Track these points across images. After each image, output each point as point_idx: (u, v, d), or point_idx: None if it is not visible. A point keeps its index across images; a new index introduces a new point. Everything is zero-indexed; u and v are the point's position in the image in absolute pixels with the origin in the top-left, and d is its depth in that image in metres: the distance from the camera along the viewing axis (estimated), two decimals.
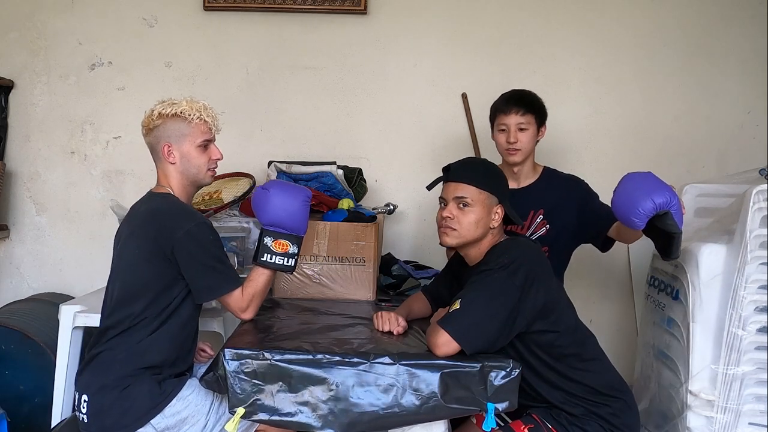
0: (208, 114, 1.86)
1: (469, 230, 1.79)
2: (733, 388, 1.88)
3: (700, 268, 1.94)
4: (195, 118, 1.83)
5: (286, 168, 2.64)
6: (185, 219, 1.76)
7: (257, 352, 1.61)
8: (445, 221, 1.82)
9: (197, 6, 2.97)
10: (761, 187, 1.85)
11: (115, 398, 1.70)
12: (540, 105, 2.30)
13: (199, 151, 1.85)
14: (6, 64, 3.01)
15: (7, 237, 3.04)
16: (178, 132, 1.83)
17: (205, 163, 1.87)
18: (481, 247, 1.83)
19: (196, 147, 1.84)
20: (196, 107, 1.84)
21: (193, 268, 1.74)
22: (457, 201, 1.81)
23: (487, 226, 1.81)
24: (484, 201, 1.80)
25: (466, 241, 1.81)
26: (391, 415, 1.59)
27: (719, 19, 2.95)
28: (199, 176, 1.88)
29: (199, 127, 1.84)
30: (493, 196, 1.81)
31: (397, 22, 2.98)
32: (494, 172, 1.90)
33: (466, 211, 1.79)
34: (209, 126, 1.86)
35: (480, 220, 1.79)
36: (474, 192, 1.80)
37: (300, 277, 2.26)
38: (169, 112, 1.82)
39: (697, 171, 2.93)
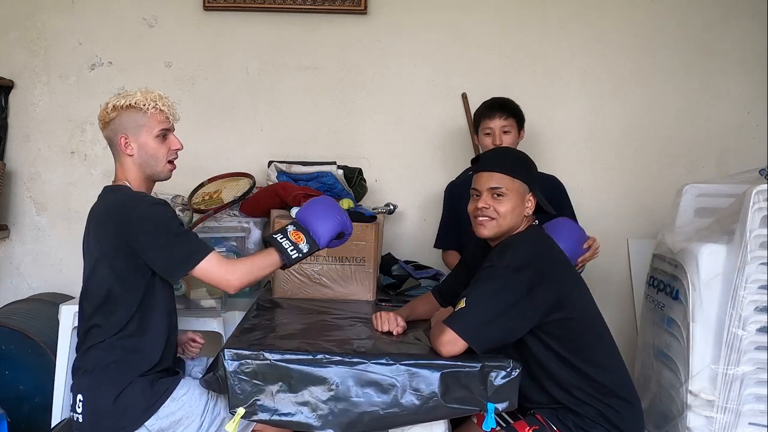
0: (164, 103, 1.80)
1: (505, 219, 1.77)
2: (733, 388, 1.88)
3: (700, 268, 1.94)
4: (150, 108, 1.77)
5: (286, 168, 2.64)
6: (136, 204, 1.72)
7: (257, 352, 1.61)
8: (481, 212, 1.79)
9: (197, 6, 2.97)
10: (761, 187, 1.85)
11: (110, 400, 1.68)
12: (519, 110, 2.50)
13: (157, 142, 1.79)
14: (6, 64, 3.01)
15: (7, 237, 3.04)
16: (134, 123, 1.78)
17: (165, 154, 1.81)
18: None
19: (153, 137, 1.79)
20: (151, 97, 1.79)
21: (156, 248, 1.68)
22: (492, 191, 1.79)
23: (521, 215, 1.80)
24: (518, 189, 1.79)
25: (502, 231, 1.79)
26: (391, 415, 1.58)
27: (719, 19, 2.95)
28: (157, 168, 1.81)
29: (155, 116, 1.78)
30: (525, 184, 1.80)
31: (397, 22, 2.98)
32: (524, 160, 1.89)
33: (502, 201, 1.77)
34: (166, 115, 1.81)
35: (515, 208, 1.78)
36: (508, 181, 1.78)
37: (300, 277, 2.26)
38: (123, 104, 1.77)
39: (697, 171, 2.93)
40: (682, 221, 2.25)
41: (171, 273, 1.71)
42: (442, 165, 3.00)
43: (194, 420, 1.73)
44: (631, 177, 2.99)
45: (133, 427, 1.69)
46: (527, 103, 2.93)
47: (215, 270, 1.69)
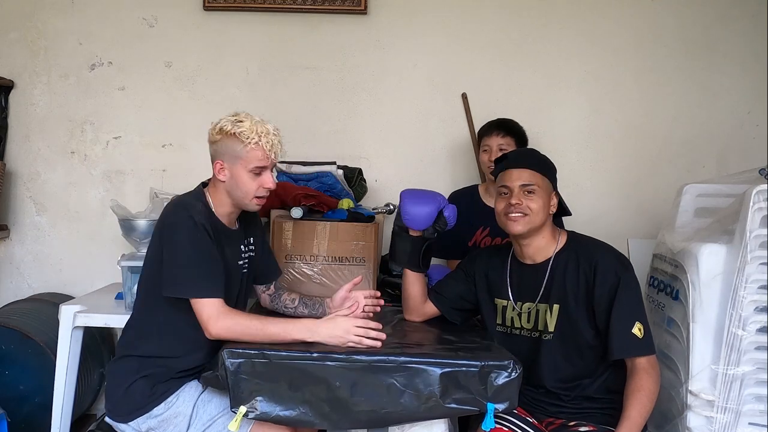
0: (268, 140, 1.77)
1: (537, 216, 1.81)
2: (733, 388, 1.88)
3: (700, 268, 1.94)
4: (252, 143, 1.75)
5: (286, 168, 2.64)
6: (174, 211, 1.75)
7: (257, 351, 1.61)
8: (514, 208, 1.82)
9: (197, 6, 2.97)
10: (761, 187, 1.85)
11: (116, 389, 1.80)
12: (519, 129, 2.58)
13: (250, 177, 1.78)
14: (6, 64, 3.00)
15: (7, 237, 3.04)
16: (232, 152, 1.77)
17: (254, 191, 1.79)
18: (546, 236, 1.86)
19: (247, 171, 1.77)
20: (258, 131, 1.76)
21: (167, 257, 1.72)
22: (524, 188, 1.82)
23: (548, 213, 1.84)
24: (546, 187, 1.84)
25: (534, 227, 1.82)
26: (391, 414, 1.59)
27: (719, 19, 2.95)
28: (244, 201, 1.81)
29: (254, 152, 1.76)
30: (550, 182, 1.86)
31: (397, 22, 2.98)
32: (547, 159, 1.94)
33: (533, 198, 1.81)
34: (266, 153, 1.77)
35: (545, 205, 1.83)
36: (538, 178, 1.84)
37: (300, 277, 2.26)
38: (229, 130, 1.76)
39: (697, 171, 2.93)
40: (682, 221, 2.24)
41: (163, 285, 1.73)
42: (442, 165, 3.00)
43: (183, 419, 1.75)
44: (631, 177, 2.99)
45: (127, 420, 1.77)
46: (527, 103, 2.95)
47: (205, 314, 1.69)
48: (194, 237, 1.71)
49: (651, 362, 1.76)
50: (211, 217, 1.80)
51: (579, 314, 1.81)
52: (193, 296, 1.69)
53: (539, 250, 1.87)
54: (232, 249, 1.86)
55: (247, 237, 1.95)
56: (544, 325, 1.85)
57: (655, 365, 1.76)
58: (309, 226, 2.26)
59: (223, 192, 1.82)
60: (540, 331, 1.86)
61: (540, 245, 1.86)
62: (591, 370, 1.83)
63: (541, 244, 1.86)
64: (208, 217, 1.78)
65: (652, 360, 1.76)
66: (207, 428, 1.75)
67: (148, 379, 1.77)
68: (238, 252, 1.89)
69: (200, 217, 1.74)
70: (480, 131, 2.66)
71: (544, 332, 1.85)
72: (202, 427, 1.75)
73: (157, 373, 1.78)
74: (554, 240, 1.88)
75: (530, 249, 1.87)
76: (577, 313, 1.81)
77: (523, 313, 1.89)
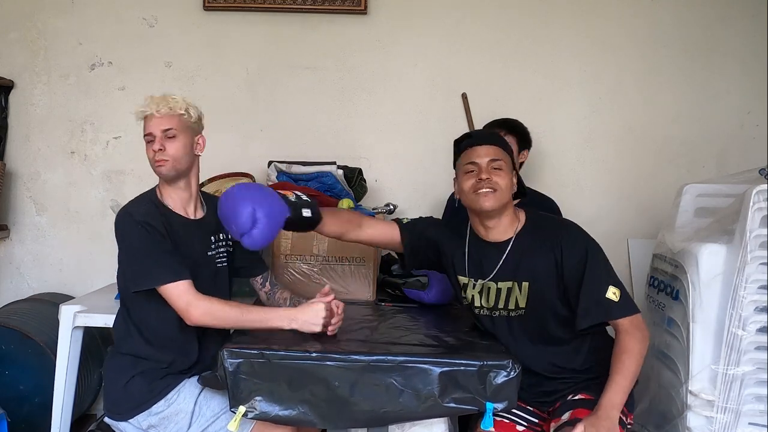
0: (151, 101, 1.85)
1: (506, 192, 1.80)
2: (733, 388, 1.88)
3: (700, 268, 1.94)
4: (141, 109, 1.87)
5: (286, 168, 2.64)
6: (118, 219, 1.80)
7: (257, 351, 1.61)
8: (484, 183, 1.79)
9: (197, 6, 2.98)
10: (761, 187, 1.85)
11: (113, 386, 1.83)
12: (523, 129, 2.57)
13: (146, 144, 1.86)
14: (6, 64, 3.01)
15: (7, 237, 3.04)
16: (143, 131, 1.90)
17: (152, 155, 1.84)
18: (509, 215, 1.84)
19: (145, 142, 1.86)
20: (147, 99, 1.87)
21: (123, 259, 1.79)
22: (491, 163, 1.81)
23: (511, 189, 1.83)
24: (509, 165, 1.84)
25: (502, 204, 1.80)
26: (390, 414, 1.59)
27: (718, 19, 2.95)
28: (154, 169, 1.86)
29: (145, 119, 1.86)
30: (511, 161, 1.86)
31: (397, 22, 2.98)
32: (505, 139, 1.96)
33: (501, 174, 1.80)
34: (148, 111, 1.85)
35: (511, 183, 1.82)
36: (504, 154, 1.83)
37: (300, 277, 2.26)
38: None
39: (697, 171, 2.93)
40: (682, 221, 2.24)
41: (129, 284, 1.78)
42: (442, 165, 2.99)
43: (184, 417, 1.75)
44: (631, 177, 2.99)
45: (127, 417, 1.79)
46: (527, 104, 2.95)
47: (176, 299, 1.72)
48: (138, 234, 1.75)
49: (634, 322, 1.74)
50: (161, 213, 1.83)
51: (550, 290, 1.79)
52: (158, 284, 1.72)
53: (504, 229, 1.85)
54: (197, 239, 1.88)
55: (220, 230, 1.93)
56: (515, 304, 1.83)
57: (639, 325, 1.74)
58: None
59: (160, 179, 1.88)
60: (508, 310, 1.84)
61: (505, 224, 1.84)
62: (570, 343, 1.82)
63: (506, 222, 1.84)
64: (156, 214, 1.81)
65: (635, 320, 1.74)
66: (210, 425, 1.75)
67: (145, 375, 1.79)
68: (206, 243, 1.90)
69: (143, 216, 1.78)
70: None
71: (513, 310, 1.83)
72: (205, 424, 1.75)
73: (152, 370, 1.79)
74: (516, 219, 1.86)
75: (496, 228, 1.84)
76: (547, 289, 1.79)
77: (484, 291, 1.86)
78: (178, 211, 1.88)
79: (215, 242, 1.93)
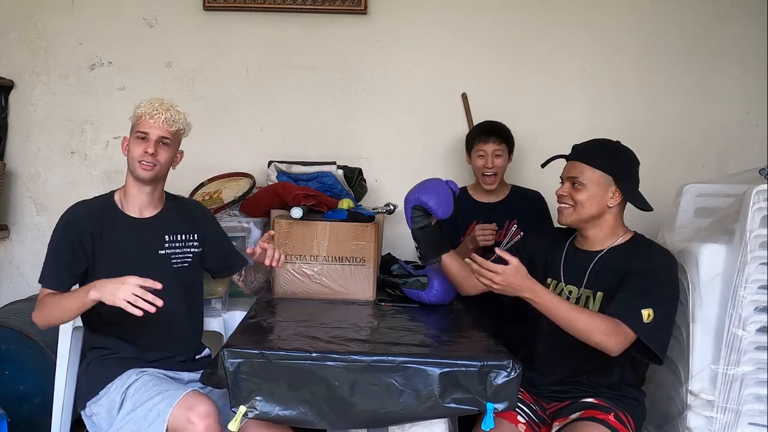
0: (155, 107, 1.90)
1: (583, 208, 1.82)
2: (733, 388, 1.88)
3: (700, 268, 1.94)
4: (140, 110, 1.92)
5: (286, 168, 2.64)
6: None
7: (257, 351, 1.61)
8: (560, 199, 1.87)
9: (197, 6, 2.97)
10: (761, 187, 1.85)
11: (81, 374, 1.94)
12: (509, 134, 2.64)
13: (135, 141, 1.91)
14: (6, 64, 3.01)
15: (7, 237, 3.04)
16: (132, 127, 1.95)
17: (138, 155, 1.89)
18: (603, 229, 1.86)
19: (135, 138, 1.91)
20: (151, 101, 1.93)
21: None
22: (571, 180, 1.85)
23: (603, 205, 1.83)
24: (598, 180, 1.82)
25: (581, 219, 1.84)
26: (391, 414, 1.59)
27: (719, 19, 2.95)
28: (132, 168, 1.91)
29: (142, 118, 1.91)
30: (608, 176, 1.83)
31: (397, 22, 2.98)
32: (613, 151, 1.91)
33: (579, 189, 1.82)
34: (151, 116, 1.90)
35: (593, 198, 1.82)
36: (587, 171, 1.83)
37: (300, 277, 2.26)
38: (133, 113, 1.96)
39: (697, 171, 2.93)
40: (682, 221, 2.24)
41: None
42: (442, 165, 3.00)
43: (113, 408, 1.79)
44: None
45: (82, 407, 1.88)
46: (527, 104, 2.95)
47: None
48: (57, 232, 1.90)
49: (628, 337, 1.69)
50: (103, 211, 1.92)
51: None
52: (41, 284, 1.85)
53: (596, 241, 1.88)
54: (145, 237, 1.92)
55: (180, 231, 1.98)
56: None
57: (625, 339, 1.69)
58: (309, 226, 2.26)
59: (127, 172, 1.93)
60: None
61: (598, 236, 1.87)
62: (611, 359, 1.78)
63: (599, 235, 1.87)
64: (93, 213, 1.91)
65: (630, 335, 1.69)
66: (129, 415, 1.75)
67: (95, 365, 1.88)
68: (158, 241, 1.94)
69: (73, 214, 1.92)
70: (472, 135, 2.67)
71: None
72: (125, 416, 1.76)
73: (102, 358, 1.88)
74: (615, 235, 1.88)
75: (587, 240, 1.89)
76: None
77: (572, 297, 1.89)
78: (129, 211, 1.94)
79: (170, 241, 1.96)
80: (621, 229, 1.89)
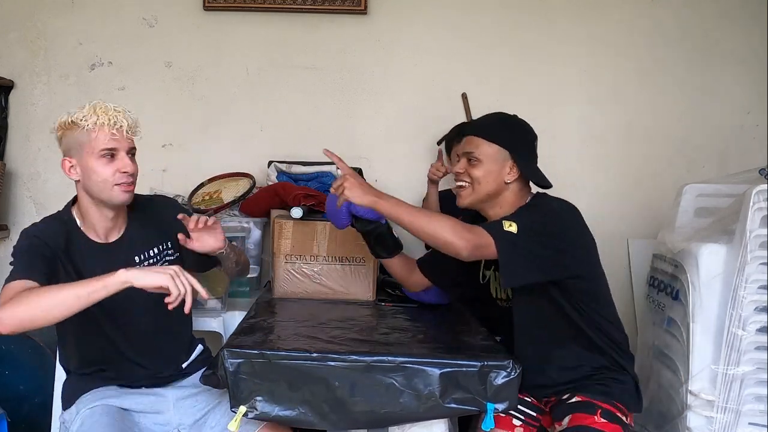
0: (109, 117, 1.62)
1: (479, 185, 1.70)
2: (733, 388, 1.88)
3: (700, 268, 1.94)
4: (91, 123, 1.62)
5: (286, 168, 2.65)
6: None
7: (257, 351, 1.61)
8: (457, 177, 1.74)
9: (197, 6, 2.97)
10: (761, 187, 1.85)
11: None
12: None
13: (100, 163, 1.63)
14: (6, 64, 3.00)
15: (7, 237, 3.04)
16: (76, 143, 1.65)
17: (111, 177, 1.63)
18: (504, 207, 1.72)
19: (97, 158, 1.63)
20: (97, 110, 1.63)
21: None
22: (467, 156, 1.73)
23: (500, 181, 1.71)
24: (494, 155, 1.71)
25: (479, 198, 1.72)
26: (391, 414, 1.59)
27: (719, 19, 2.95)
28: (105, 194, 1.65)
29: (97, 133, 1.63)
30: (504, 150, 1.71)
31: (397, 22, 2.98)
32: (510, 125, 1.78)
33: (475, 165, 1.71)
34: (110, 130, 1.62)
35: (489, 173, 1.70)
36: (483, 145, 1.71)
37: (300, 277, 2.26)
38: (65, 121, 1.65)
39: (697, 171, 2.93)
40: (682, 221, 2.25)
41: None
42: None
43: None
44: (631, 177, 2.99)
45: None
46: (527, 103, 2.95)
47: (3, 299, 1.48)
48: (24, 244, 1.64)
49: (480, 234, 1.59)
50: (67, 231, 1.68)
51: None
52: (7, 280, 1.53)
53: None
54: (113, 264, 1.54)
55: (149, 246, 1.79)
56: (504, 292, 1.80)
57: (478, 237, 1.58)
58: (309, 226, 2.26)
59: (84, 196, 1.68)
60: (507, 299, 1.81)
61: (498, 215, 1.71)
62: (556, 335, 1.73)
63: (500, 213, 1.71)
64: (58, 233, 1.66)
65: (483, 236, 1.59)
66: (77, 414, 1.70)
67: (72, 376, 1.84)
68: (129, 264, 1.67)
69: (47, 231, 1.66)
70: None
71: (508, 300, 1.81)
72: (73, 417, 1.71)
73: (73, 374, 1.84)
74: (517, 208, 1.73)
75: (489, 218, 1.75)
76: None
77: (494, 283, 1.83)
78: (91, 235, 1.72)
79: (142, 260, 1.76)
80: (521, 200, 1.75)
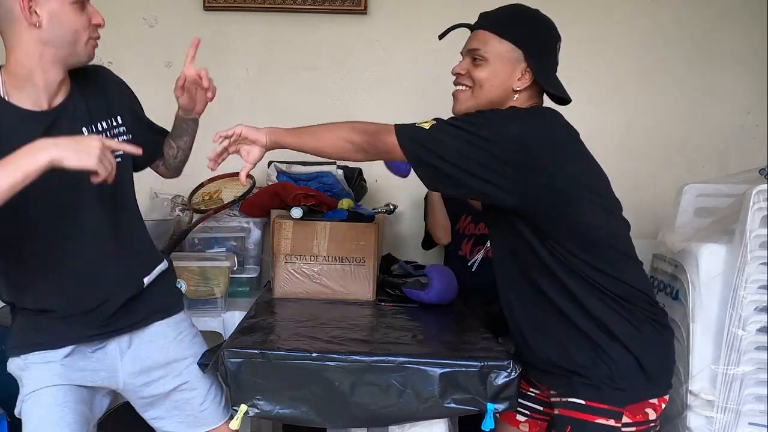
0: None
1: (482, 89, 1.43)
2: (733, 388, 1.88)
3: (700, 268, 1.94)
4: None
5: (286, 168, 2.64)
6: None
7: (257, 351, 1.61)
8: (456, 79, 1.46)
9: (197, 6, 2.97)
10: (761, 187, 1.85)
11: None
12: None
13: (74, 11, 1.41)
14: None
15: None
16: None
17: (85, 28, 1.44)
18: None
19: (69, 5, 1.40)
20: None
21: None
22: (471, 54, 1.46)
23: (507, 87, 1.43)
24: (504, 54, 1.42)
25: (478, 105, 1.44)
26: (390, 414, 1.59)
27: (719, 19, 2.95)
28: (77, 47, 1.45)
29: None
30: (518, 49, 1.43)
31: (397, 22, 2.98)
32: (528, 18, 1.49)
33: (479, 65, 1.44)
34: None
35: (496, 76, 1.42)
36: (493, 41, 1.44)
37: (300, 277, 2.26)
38: None
39: (697, 171, 2.93)
40: (682, 221, 2.25)
41: None
42: None
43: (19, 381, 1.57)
44: (631, 177, 2.98)
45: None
46: None
47: None
48: None
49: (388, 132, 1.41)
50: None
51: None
52: None
53: None
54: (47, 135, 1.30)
55: (102, 117, 1.59)
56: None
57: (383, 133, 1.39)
58: (309, 226, 2.26)
59: (37, 50, 1.38)
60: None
61: None
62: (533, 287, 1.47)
63: None
64: None
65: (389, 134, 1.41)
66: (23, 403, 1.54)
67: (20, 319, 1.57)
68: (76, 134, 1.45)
69: None
70: None
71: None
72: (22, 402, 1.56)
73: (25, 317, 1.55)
74: None
75: None
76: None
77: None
78: (24, 103, 1.42)
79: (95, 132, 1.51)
80: None
